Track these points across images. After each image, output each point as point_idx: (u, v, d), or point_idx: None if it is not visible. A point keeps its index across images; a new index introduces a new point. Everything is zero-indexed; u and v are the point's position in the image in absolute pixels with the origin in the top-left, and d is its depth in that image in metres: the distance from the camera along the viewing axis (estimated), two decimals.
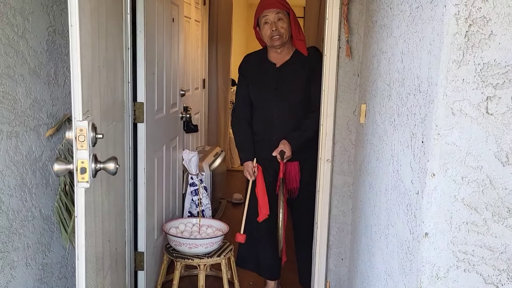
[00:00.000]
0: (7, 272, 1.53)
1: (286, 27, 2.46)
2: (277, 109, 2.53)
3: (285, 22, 2.45)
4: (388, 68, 1.49)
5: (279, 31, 2.45)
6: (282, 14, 2.45)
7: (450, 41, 0.92)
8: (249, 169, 2.56)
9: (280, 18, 2.45)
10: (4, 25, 1.48)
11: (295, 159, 2.53)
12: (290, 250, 2.75)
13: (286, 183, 2.55)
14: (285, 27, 2.45)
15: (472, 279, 0.99)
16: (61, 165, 1.36)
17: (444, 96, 0.94)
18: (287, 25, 2.46)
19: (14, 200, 1.56)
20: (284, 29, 2.45)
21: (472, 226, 0.97)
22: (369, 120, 1.84)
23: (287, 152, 2.46)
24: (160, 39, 2.66)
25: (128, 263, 2.34)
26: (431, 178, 0.98)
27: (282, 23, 2.45)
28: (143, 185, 2.49)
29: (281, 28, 2.45)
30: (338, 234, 2.33)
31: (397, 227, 1.23)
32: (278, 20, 2.45)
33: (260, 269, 2.76)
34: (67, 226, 1.81)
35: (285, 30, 2.46)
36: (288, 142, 2.48)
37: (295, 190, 2.59)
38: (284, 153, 2.46)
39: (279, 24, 2.45)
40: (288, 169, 2.56)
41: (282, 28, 2.45)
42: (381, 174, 1.50)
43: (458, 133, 0.95)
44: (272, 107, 2.55)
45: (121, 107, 2.16)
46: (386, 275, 1.35)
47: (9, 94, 1.52)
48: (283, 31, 2.45)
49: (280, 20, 2.45)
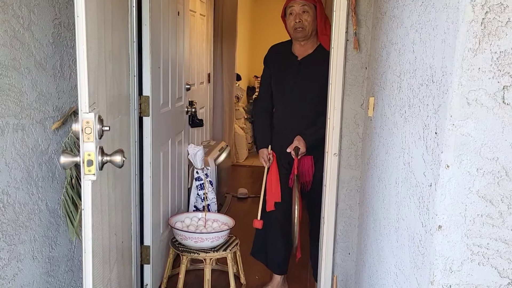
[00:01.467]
0: (14, 265, 1.52)
1: (311, 20, 2.44)
2: (294, 102, 2.54)
3: (310, 15, 2.44)
4: (398, 59, 1.46)
5: (303, 24, 2.44)
6: (308, 7, 2.44)
7: (466, 29, 0.90)
8: (264, 156, 2.60)
9: (305, 11, 2.44)
10: (10, 17, 1.46)
11: (308, 154, 2.52)
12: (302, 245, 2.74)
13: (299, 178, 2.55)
14: (309, 20, 2.44)
15: (486, 272, 0.97)
16: (68, 158, 1.35)
17: (459, 86, 0.92)
18: (311, 19, 2.44)
19: (20, 193, 1.55)
20: (308, 22, 2.44)
21: (487, 218, 0.95)
22: (377, 113, 1.82)
23: (302, 148, 2.46)
24: (166, 33, 2.64)
25: (134, 257, 2.33)
26: (445, 170, 0.96)
27: (307, 16, 2.44)
28: (149, 179, 2.48)
29: (305, 20, 2.44)
30: (345, 229, 2.32)
31: (408, 220, 1.21)
32: (303, 12, 2.44)
33: (268, 262, 2.76)
34: (73, 219, 1.80)
35: (308, 23, 2.44)
36: (303, 138, 2.47)
37: (308, 183, 2.57)
38: (299, 149, 2.46)
39: (303, 16, 2.44)
40: (302, 163, 2.54)
41: (306, 21, 2.44)
42: (391, 167, 1.48)
43: (473, 124, 0.93)
44: (290, 99, 2.56)
45: (127, 101, 2.15)
46: (396, 269, 1.34)
47: (15, 86, 1.50)
48: (306, 24, 2.45)
49: (305, 12, 2.44)
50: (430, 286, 1.00)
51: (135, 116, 2.28)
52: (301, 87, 2.52)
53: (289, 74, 2.57)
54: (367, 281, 1.87)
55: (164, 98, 2.69)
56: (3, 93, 1.44)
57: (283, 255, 2.69)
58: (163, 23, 2.57)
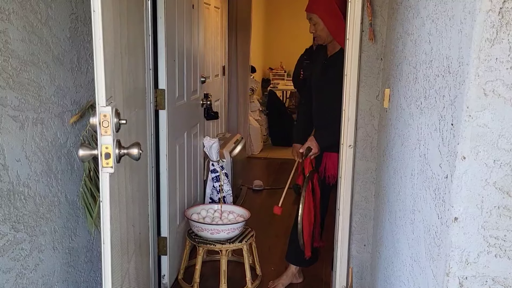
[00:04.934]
0: (35, 255, 1.56)
1: (322, 28, 2.45)
2: (319, 98, 2.57)
3: (319, 24, 2.46)
4: (414, 50, 1.45)
5: (315, 34, 2.50)
6: (315, 18, 2.46)
7: (483, 19, 0.88)
8: (294, 151, 2.67)
9: (315, 23, 2.47)
10: (28, 12, 1.49)
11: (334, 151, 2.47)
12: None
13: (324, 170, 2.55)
14: (319, 29, 2.47)
15: (503, 264, 0.96)
16: (86, 151, 1.38)
17: (476, 77, 0.91)
18: (321, 27, 2.46)
19: (40, 186, 1.59)
20: (319, 31, 2.47)
21: (504, 210, 0.94)
22: (393, 105, 1.80)
23: (314, 149, 2.47)
24: (181, 26, 2.65)
25: (152, 248, 2.37)
26: (461, 162, 0.95)
27: (317, 27, 2.47)
28: (165, 172, 2.51)
29: (316, 31, 2.48)
30: (360, 221, 2.32)
31: (424, 212, 1.21)
32: (314, 24, 2.48)
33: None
34: (92, 211, 1.84)
35: (320, 32, 2.47)
36: (316, 139, 2.48)
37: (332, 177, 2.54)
38: (311, 149, 2.46)
39: (315, 27, 2.48)
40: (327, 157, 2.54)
41: (317, 31, 2.48)
42: (407, 159, 1.47)
43: (490, 115, 0.91)
44: (315, 96, 2.60)
45: (143, 94, 2.17)
46: (411, 261, 1.33)
47: (34, 81, 1.53)
48: (318, 33, 2.48)
49: (316, 24, 2.47)
50: (445, 277, 1.00)
51: (151, 109, 2.30)
52: (324, 84, 2.54)
53: (318, 70, 2.62)
54: (382, 273, 1.87)
55: (180, 91, 2.70)
56: (22, 88, 1.47)
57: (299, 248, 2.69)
58: (178, 16, 2.58)
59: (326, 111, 2.52)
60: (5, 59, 1.38)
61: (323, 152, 2.52)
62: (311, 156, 2.49)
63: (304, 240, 2.48)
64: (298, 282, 2.80)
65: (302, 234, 2.46)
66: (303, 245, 2.52)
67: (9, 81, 1.40)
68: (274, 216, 3.85)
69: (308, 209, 2.46)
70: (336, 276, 2.34)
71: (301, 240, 2.49)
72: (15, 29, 1.42)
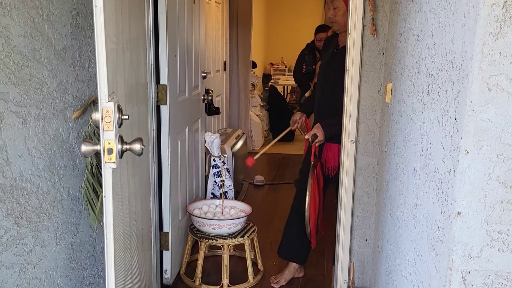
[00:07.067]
0: (38, 250, 1.57)
1: (342, 14, 2.45)
2: (326, 88, 2.59)
3: (340, 9, 2.45)
4: (416, 45, 1.44)
5: (334, 18, 2.49)
6: (338, 2, 2.45)
7: (487, 13, 0.88)
8: (294, 118, 2.79)
9: (335, 7, 2.47)
10: (29, 7, 1.48)
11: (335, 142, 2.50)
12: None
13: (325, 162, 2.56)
14: (339, 14, 2.46)
15: (506, 258, 0.96)
16: (88, 146, 1.38)
17: (479, 71, 0.91)
18: (342, 13, 2.45)
19: (43, 181, 1.59)
20: (339, 16, 2.47)
21: (507, 205, 0.94)
22: (395, 99, 1.80)
23: (320, 136, 2.47)
24: (182, 21, 2.64)
25: (154, 243, 2.38)
26: (465, 156, 0.95)
27: (337, 11, 2.47)
28: (167, 167, 2.51)
29: (335, 16, 2.48)
30: (362, 215, 2.32)
31: (427, 206, 1.21)
32: (334, 8, 2.47)
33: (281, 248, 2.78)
34: (94, 207, 1.84)
35: (340, 17, 2.47)
36: (321, 127, 2.48)
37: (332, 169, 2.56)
38: (317, 136, 2.46)
39: (335, 11, 2.48)
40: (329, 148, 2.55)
41: (336, 16, 2.48)
42: (409, 154, 1.47)
43: (493, 109, 0.91)
44: (322, 85, 2.63)
45: (144, 90, 2.17)
46: (414, 255, 1.34)
47: (36, 76, 1.53)
48: (336, 18, 2.48)
49: (336, 8, 2.46)
50: (448, 272, 1.00)
51: (152, 105, 2.30)
52: (331, 75, 2.55)
53: (327, 61, 2.64)
54: (384, 267, 1.87)
55: (181, 87, 2.70)
56: (24, 83, 1.47)
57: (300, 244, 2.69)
58: (179, 11, 2.58)
59: (331, 101, 2.51)
60: (7, 55, 1.38)
61: (325, 143, 2.52)
62: (316, 144, 2.50)
63: (310, 228, 2.48)
64: (300, 276, 2.81)
65: (309, 222, 2.47)
66: (310, 234, 2.52)
67: (11, 76, 1.40)
68: (276, 211, 3.87)
69: (313, 198, 2.46)
70: (337, 271, 2.34)
71: (308, 229, 2.49)
72: (17, 24, 1.42)
